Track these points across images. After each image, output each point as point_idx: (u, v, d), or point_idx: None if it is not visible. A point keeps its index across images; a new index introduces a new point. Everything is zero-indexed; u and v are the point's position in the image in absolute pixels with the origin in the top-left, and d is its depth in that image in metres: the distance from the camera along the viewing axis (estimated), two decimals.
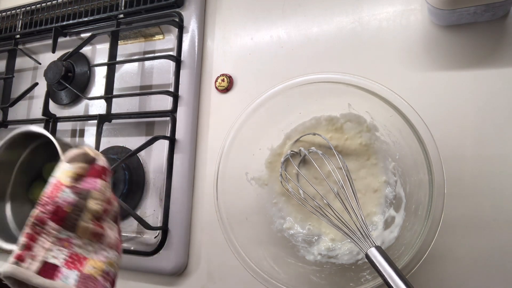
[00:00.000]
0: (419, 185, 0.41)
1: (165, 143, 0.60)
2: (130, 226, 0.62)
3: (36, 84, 0.74)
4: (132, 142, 0.64)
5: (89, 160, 0.40)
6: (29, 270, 0.33)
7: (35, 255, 0.34)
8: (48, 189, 0.36)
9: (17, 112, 0.77)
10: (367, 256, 0.37)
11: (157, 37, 0.68)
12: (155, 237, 0.58)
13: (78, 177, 0.38)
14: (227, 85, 0.59)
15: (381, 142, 0.47)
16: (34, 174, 0.56)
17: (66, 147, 0.45)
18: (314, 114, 0.49)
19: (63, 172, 0.37)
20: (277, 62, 0.57)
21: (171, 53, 0.63)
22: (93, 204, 0.36)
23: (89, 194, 0.36)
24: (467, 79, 0.47)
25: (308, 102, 0.48)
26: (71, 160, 0.39)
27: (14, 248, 0.38)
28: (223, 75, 0.60)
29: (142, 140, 0.59)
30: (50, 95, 0.71)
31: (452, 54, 0.48)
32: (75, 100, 0.72)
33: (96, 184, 0.38)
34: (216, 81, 0.60)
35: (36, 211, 0.35)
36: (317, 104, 0.48)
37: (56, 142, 0.45)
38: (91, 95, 0.71)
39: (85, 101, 0.72)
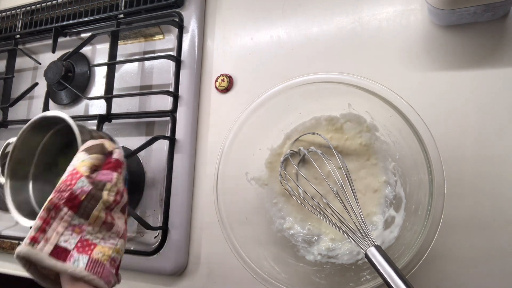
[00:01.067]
0: (419, 185, 0.41)
1: (165, 143, 0.60)
2: (130, 226, 0.62)
3: (36, 84, 0.74)
4: (132, 142, 0.64)
5: (105, 152, 0.43)
6: (42, 252, 0.34)
7: (48, 237, 0.35)
8: (65, 177, 0.38)
9: (17, 112, 0.77)
10: (366, 255, 0.37)
11: (157, 37, 0.68)
12: (155, 237, 0.58)
13: (94, 168, 0.40)
14: (227, 85, 0.59)
15: (381, 142, 0.47)
16: (55, 155, 0.57)
17: (85, 135, 0.47)
18: (314, 114, 0.49)
19: (81, 162, 0.39)
20: (277, 62, 0.57)
21: (171, 53, 0.63)
22: (107, 196, 0.38)
23: (104, 186, 0.39)
24: (467, 79, 0.47)
25: (308, 102, 0.48)
26: (88, 150, 0.41)
27: (31, 225, 0.40)
28: (223, 75, 0.60)
29: (142, 140, 0.59)
30: (50, 95, 0.72)
31: (452, 54, 0.48)
32: (75, 100, 0.72)
33: (111, 177, 0.40)
34: (216, 81, 0.60)
35: (52, 196, 0.37)
36: (317, 104, 0.48)
37: (77, 130, 0.47)
38: (91, 95, 0.71)
39: (85, 101, 0.72)
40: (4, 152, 0.58)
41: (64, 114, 0.50)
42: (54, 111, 0.51)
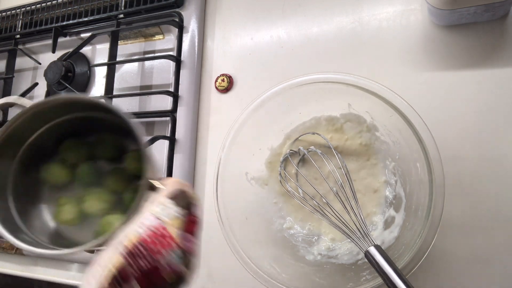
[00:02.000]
0: (419, 185, 0.41)
1: (165, 143, 0.60)
2: None
3: (36, 84, 0.74)
4: None
5: (189, 204, 0.29)
6: None
7: None
8: (147, 234, 0.25)
9: (17, 112, 0.77)
10: (366, 255, 0.37)
11: (157, 37, 0.68)
12: None
13: (181, 228, 0.27)
14: (227, 85, 0.59)
15: (381, 142, 0.47)
16: (46, 152, 0.41)
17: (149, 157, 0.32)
18: (314, 114, 0.49)
19: (173, 218, 0.26)
20: (277, 62, 0.57)
21: (171, 53, 0.63)
22: (187, 274, 0.26)
23: (189, 262, 0.26)
24: (467, 79, 0.47)
25: (308, 102, 0.48)
26: (176, 199, 0.28)
27: (22, 245, 0.32)
28: (223, 75, 0.60)
29: None
30: (50, 95, 0.71)
31: (452, 54, 0.48)
32: None
33: (195, 246, 0.27)
34: (216, 81, 0.60)
35: (122, 261, 0.24)
36: (317, 104, 0.48)
37: (142, 141, 0.32)
38: (91, 95, 0.71)
39: None
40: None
41: (125, 113, 0.34)
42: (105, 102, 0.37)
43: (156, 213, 0.26)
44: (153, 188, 0.30)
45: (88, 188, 0.39)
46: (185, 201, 0.29)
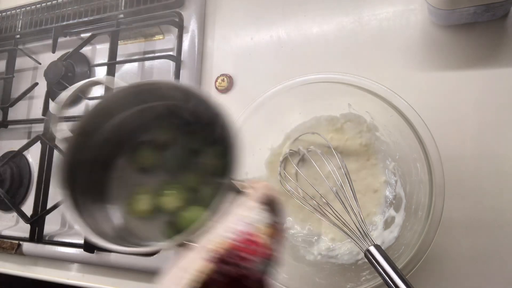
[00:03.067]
0: (419, 185, 0.41)
1: None
2: None
3: (36, 84, 0.74)
4: None
5: (274, 210, 0.27)
6: None
7: None
8: (238, 241, 0.23)
9: (17, 112, 0.77)
10: (366, 254, 0.37)
11: (157, 37, 0.68)
12: None
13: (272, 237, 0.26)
14: (227, 85, 0.59)
15: (381, 142, 0.47)
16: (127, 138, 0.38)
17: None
18: (314, 114, 0.49)
19: (263, 225, 0.25)
20: (277, 62, 0.57)
21: (171, 53, 0.63)
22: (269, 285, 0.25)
23: (271, 270, 0.25)
24: (467, 79, 0.47)
25: (308, 102, 0.48)
26: (265, 205, 0.26)
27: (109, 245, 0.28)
28: (223, 75, 0.60)
29: None
30: (50, 95, 0.71)
31: (452, 54, 0.48)
32: (75, 99, 0.72)
33: (279, 255, 0.25)
34: (216, 81, 0.60)
35: (212, 266, 0.22)
36: (317, 104, 0.48)
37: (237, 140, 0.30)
38: (91, 95, 0.71)
39: (85, 101, 0.72)
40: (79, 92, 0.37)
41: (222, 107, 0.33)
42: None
43: (247, 218, 0.25)
44: (234, 189, 0.28)
45: (174, 174, 0.37)
46: (273, 208, 0.27)
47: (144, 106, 0.36)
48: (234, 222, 0.24)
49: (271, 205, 0.27)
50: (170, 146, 0.38)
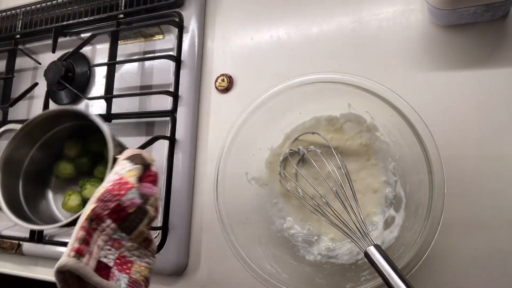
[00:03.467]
0: (419, 185, 0.41)
1: (165, 143, 0.60)
2: None
3: (36, 84, 0.74)
4: (132, 142, 0.64)
5: (146, 164, 0.39)
6: (88, 267, 0.31)
7: (91, 251, 0.32)
8: (110, 185, 0.34)
9: (17, 112, 0.77)
10: (366, 254, 0.37)
11: (157, 37, 0.68)
12: (155, 237, 0.58)
13: (139, 180, 0.36)
14: (227, 85, 0.59)
15: (381, 142, 0.47)
16: (53, 153, 0.57)
17: (115, 141, 0.46)
18: (314, 114, 0.49)
19: (128, 171, 0.36)
20: (277, 62, 0.57)
21: (171, 53, 0.63)
22: (152, 211, 0.35)
23: (149, 200, 0.35)
24: (467, 79, 0.47)
25: (308, 102, 0.48)
26: (132, 160, 0.38)
27: (34, 227, 0.44)
28: (223, 75, 0.60)
29: (142, 140, 0.59)
30: (50, 95, 0.71)
31: (452, 54, 0.48)
32: (75, 100, 0.72)
33: (154, 191, 0.37)
34: (216, 81, 0.60)
35: (94, 206, 0.33)
36: (317, 104, 0.48)
37: (108, 134, 0.45)
38: (91, 95, 0.71)
39: (85, 101, 0.72)
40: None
41: (93, 115, 0.48)
42: (78, 108, 0.51)
43: (116, 171, 0.37)
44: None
45: (87, 172, 0.54)
46: (142, 162, 0.39)
47: (59, 127, 0.55)
48: (109, 177, 0.37)
49: (138, 158, 0.38)
50: (80, 155, 0.58)
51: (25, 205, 0.52)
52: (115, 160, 0.43)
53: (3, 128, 0.56)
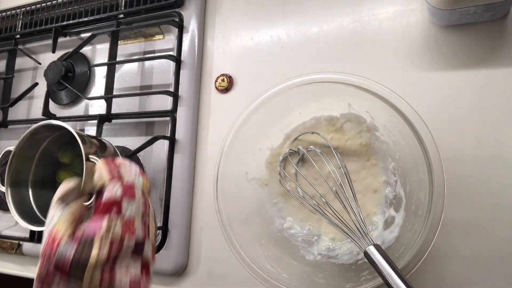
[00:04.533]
0: (419, 185, 0.41)
1: (165, 143, 0.60)
2: None
3: (36, 84, 0.74)
4: (132, 142, 0.64)
5: (93, 191, 0.37)
6: None
7: None
8: (46, 240, 0.33)
9: (17, 112, 0.77)
10: (366, 254, 0.37)
11: (157, 37, 0.68)
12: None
13: (79, 219, 0.34)
14: (227, 85, 0.59)
15: (381, 142, 0.47)
16: (51, 161, 0.61)
17: (87, 143, 0.50)
18: (314, 114, 0.49)
19: (58, 220, 0.34)
20: (277, 62, 0.57)
21: (171, 53, 0.63)
22: (97, 253, 0.32)
23: (92, 242, 0.32)
24: (467, 79, 0.47)
25: (308, 102, 0.48)
26: (64, 199, 0.36)
27: (43, 229, 0.41)
28: (223, 75, 0.60)
29: (142, 140, 0.59)
30: (50, 95, 0.71)
31: (452, 54, 0.48)
32: (75, 100, 0.72)
33: (99, 225, 0.33)
34: (216, 81, 0.60)
35: (40, 263, 0.32)
36: (317, 104, 0.48)
37: (79, 139, 0.49)
38: (91, 95, 0.71)
39: (85, 101, 0.72)
40: (2, 160, 0.60)
41: (64, 123, 0.53)
42: (54, 120, 0.55)
43: (47, 222, 0.35)
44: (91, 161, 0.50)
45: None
46: (82, 192, 0.38)
47: (48, 140, 0.59)
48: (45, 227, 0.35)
49: (73, 194, 0.37)
50: (73, 160, 0.62)
51: (37, 210, 0.57)
52: (88, 158, 0.49)
53: (2, 152, 0.60)
